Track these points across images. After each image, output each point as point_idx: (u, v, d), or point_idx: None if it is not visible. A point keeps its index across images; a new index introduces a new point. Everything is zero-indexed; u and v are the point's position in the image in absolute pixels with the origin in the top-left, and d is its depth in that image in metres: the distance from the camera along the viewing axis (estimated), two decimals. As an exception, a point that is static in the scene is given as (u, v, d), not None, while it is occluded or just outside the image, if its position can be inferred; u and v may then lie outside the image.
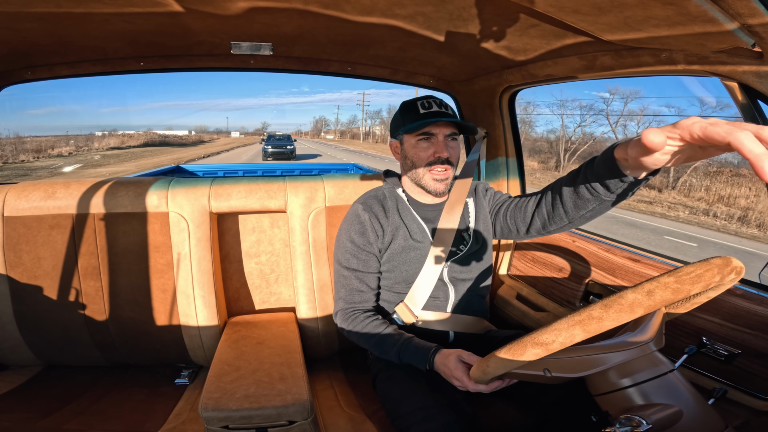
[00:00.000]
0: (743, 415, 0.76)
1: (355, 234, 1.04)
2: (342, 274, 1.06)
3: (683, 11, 0.59)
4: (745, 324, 0.81)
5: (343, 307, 1.05)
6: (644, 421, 0.50)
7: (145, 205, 1.17)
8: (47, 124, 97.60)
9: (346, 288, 1.05)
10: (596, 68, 1.00)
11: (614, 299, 0.48)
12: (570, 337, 0.49)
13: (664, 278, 0.48)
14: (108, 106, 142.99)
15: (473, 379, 0.66)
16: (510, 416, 1.00)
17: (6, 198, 1.14)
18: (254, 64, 1.38)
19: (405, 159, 1.04)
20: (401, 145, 1.06)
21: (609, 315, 0.48)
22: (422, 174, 1.00)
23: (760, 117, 0.76)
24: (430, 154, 0.98)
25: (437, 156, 0.97)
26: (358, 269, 1.04)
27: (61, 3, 0.82)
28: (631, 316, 0.47)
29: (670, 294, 0.47)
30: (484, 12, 0.84)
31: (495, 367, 0.57)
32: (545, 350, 0.50)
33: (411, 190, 1.08)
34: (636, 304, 0.47)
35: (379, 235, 1.04)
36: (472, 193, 1.13)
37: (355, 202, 1.10)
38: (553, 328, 0.50)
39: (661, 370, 0.56)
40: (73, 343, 1.20)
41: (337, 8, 0.88)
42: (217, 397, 0.84)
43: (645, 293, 0.47)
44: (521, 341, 0.53)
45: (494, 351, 0.58)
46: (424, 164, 0.99)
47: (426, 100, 1.00)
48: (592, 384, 0.60)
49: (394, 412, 0.90)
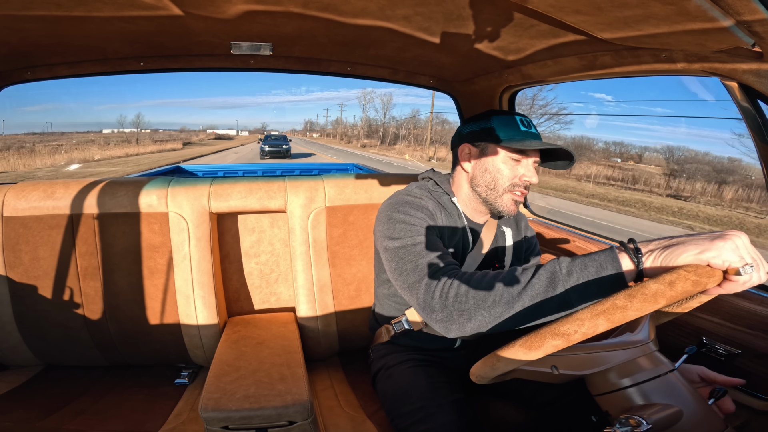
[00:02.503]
0: (743, 415, 0.76)
1: (422, 215, 0.88)
2: (412, 251, 0.81)
3: (683, 10, 0.59)
4: (745, 324, 0.81)
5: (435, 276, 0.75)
6: (644, 421, 0.50)
7: (145, 205, 1.17)
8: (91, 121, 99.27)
9: (427, 256, 0.79)
10: (596, 68, 1.00)
11: (638, 289, 0.48)
12: (593, 327, 0.48)
13: (683, 270, 0.49)
14: (106, 103, 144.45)
15: (475, 378, 0.60)
16: (510, 416, 1.00)
17: (5, 198, 1.14)
18: (254, 64, 1.38)
19: (483, 171, 0.92)
20: (480, 154, 0.93)
21: (633, 305, 0.47)
22: (501, 193, 0.91)
23: (759, 117, 0.76)
24: (516, 174, 0.90)
25: (524, 180, 0.90)
26: (434, 240, 0.85)
27: (61, 3, 0.82)
28: (654, 306, 0.47)
29: (690, 286, 0.48)
30: (484, 12, 0.84)
31: (506, 362, 0.55)
32: (566, 341, 0.50)
33: (466, 202, 0.98)
34: (659, 295, 0.47)
35: (445, 236, 0.92)
36: (512, 224, 1.07)
37: (404, 192, 0.95)
38: (574, 318, 0.49)
39: (661, 370, 0.56)
40: (72, 343, 1.20)
41: (337, 9, 0.88)
42: (217, 398, 0.84)
43: (667, 284, 0.47)
44: (540, 333, 0.51)
45: (505, 345, 0.55)
46: (508, 184, 0.90)
47: (524, 117, 0.93)
48: (592, 384, 0.60)
49: (394, 412, 0.90)
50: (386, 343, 1.08)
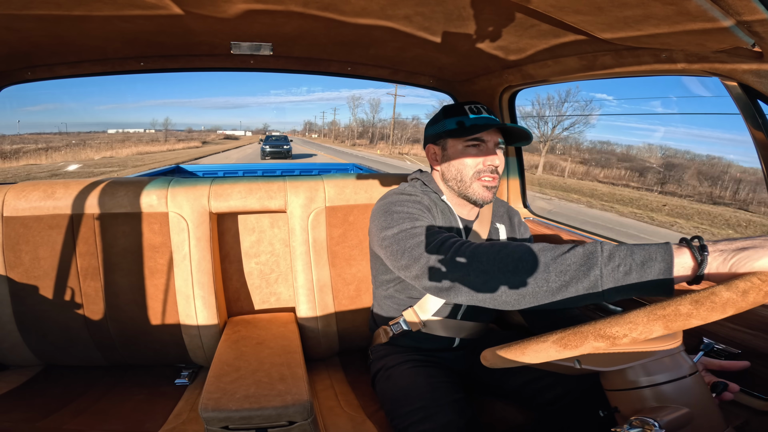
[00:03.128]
0: (743, 415, 0.76)
1: (420, 206, 0.88)
2: (411, 232, 0.79)
3: (683, 10, 0.59)
4: (745, 324, 0.81)
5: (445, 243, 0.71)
6: (656, 424, 0.48)
7: (146, 205, 1.17)
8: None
9: (430, 232, 0.77)
10: (596, 68, 1.00)
11: (707, 296, 0.43)
12: (647, 332, 0.44)
13: (756, 279, 0.43)
14: (107, 103, 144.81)
15: (487, 362, 0.55)
16: (510, 416, 1.00)
17: (5, 198, 1.14)
18: (254, 64, 1.38)
19: (448, 166, 0.96)
20: (443, 151, 0.97)
21: (699, 313, 0.43)
22: (469, 182, 0.93)
23: (759, 117, 0.76)
24: (479, 161, 0.92)
25: (488, 164, 0.91)
26: (427, 222, 0.84)
27: (61, 3, 0.82)
28: (721, 315, 0.43)
29: (762, 297, 0.43)
30: (484, 12, 0.84)
31: (533, 357, 0.51)
32: (610, 344, 0.46)
33: (450, 199, 1.00)
34: (729, 304, 0.43)
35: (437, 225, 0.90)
36: (506, 220, 1.08)
37: (398, 191, 0.96)
38: (627, 320, 0.45)
39: (682, 372, 0.53)
40: (72, 343, 1.20)
41: (338, 9, 0.88)
42: (217, 398, 0.84)
43: (741, 293, 0.42)
44: (580, 332, 0.47)
45: (535, 338, 0.51)
46: (473, 172, 0.92)
47: (474, 104, 0.95)
48: (606, 378, 0.58)
49: (393, 413, 0.90)
50: (385, 343, 1.08)
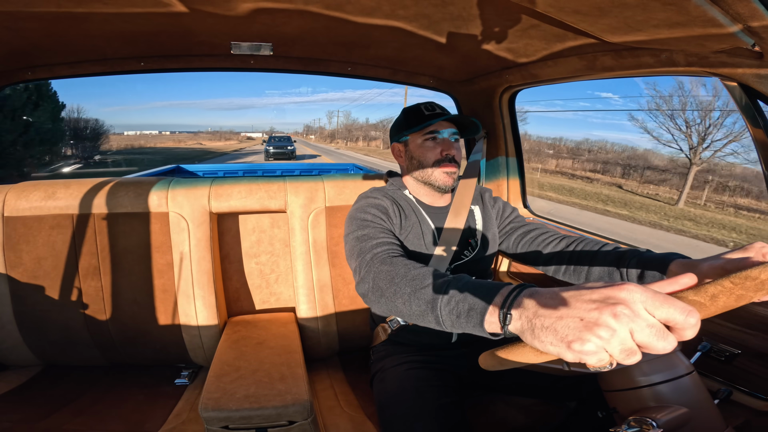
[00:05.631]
0: (743, 415, 0.76)
1: (376, 211, 0.96)
2: (356, 236, 0.90)
3: (683, 12, 0.59)
4: (745, 324, 0.81)
5: (368, 260, 0.81)
6: (654, 423, 0.48)
7: (146, 205, 1.17)
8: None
9: (369, 243, 0.86)
10: (596, 68, 1.00)
11: None
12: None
13: (727, 283, 0.39)
14: (110, 105, 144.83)
15: (483, 365, 0.55)
16: (510, 416, 1.00)
17: (6, 198, 1.14)
18: (254, 64, 1.38)
19: (411, 160, 1.05)
20: (405, 147, 1.07)
21: None
22: (431, 171, 1.01)
23: (760, 117, 0.76)
24: (437, 152, 1.00)
25: (445, 153, 1.00)
26: (380, 226, 0.93)
27: (61, 3, 0.82)
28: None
29: (734, 301, 0.39)
30: (484, 12, 0.84)
31: (513, 362, 0.50)
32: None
33: (417, 191, 1.08)
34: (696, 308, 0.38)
35: (396, 227, 0.98)
36: (479, 200, 1.13)
37: (364, 196, 1.04)
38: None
39: (679, 371, 0.54)
40: (73, 343, 1.20)
41: (338, 9, 0.88)
42: (217, 398, 0.84)
43: (709, 297, 0.39)
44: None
45: (513, 345, 0.49)
46: (432, 163, 1.00)
47: (428, 103, 1.03)
48: (604, 379, 0.58)
49: (382, 416, 0.90)
50: (385, 343, 1.08)
